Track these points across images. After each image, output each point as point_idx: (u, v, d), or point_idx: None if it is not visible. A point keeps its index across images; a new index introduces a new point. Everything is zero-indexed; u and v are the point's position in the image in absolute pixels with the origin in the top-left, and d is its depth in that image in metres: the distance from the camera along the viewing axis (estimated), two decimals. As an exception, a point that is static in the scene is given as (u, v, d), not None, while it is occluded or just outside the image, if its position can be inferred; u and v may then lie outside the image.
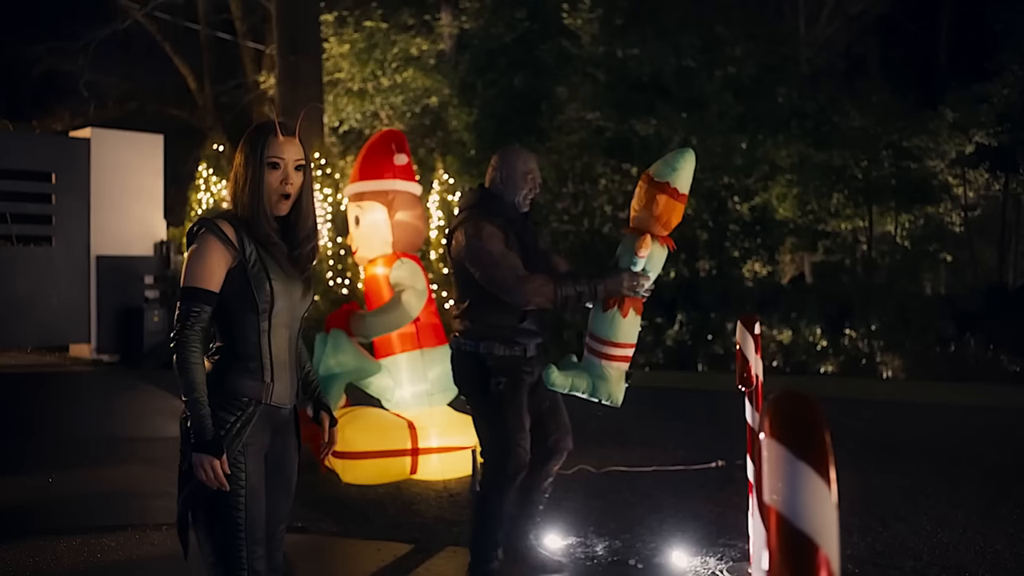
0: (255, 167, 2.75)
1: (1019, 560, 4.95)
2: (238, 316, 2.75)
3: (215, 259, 2.71)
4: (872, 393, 12.76)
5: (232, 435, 2.70)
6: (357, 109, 19.02)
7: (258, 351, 2.76)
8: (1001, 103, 15.77)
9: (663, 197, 3.94)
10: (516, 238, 4.20)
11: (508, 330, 4.24)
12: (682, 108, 16.53)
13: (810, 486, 1.07)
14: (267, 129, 2.79)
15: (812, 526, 1.05)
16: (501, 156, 4.42)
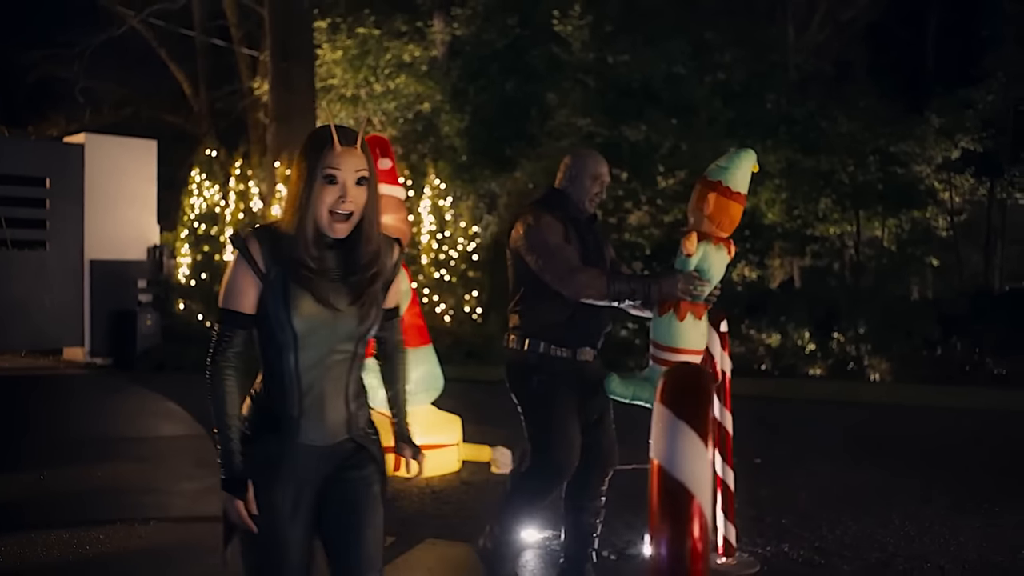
0: (307, 182, 2.41)
1: (980, 551, 5.10)
2: (264, 344, 2.49)
3: (244, 279, 2.43)
4: (858, 396, 12.93)
5: (252, 471, 2.48)
6: (350, 115, 19.16)
7: (283, 386, 2.48)
8: (986, 109, 15.96)
9: (713, 195, 3.86)
10: (578, 237, 4.09)
11: (557, 328, 4.08)
12: (671, 114, 16.69)
13: (687, 442, 1.21)
14: (323, 138, 2.43)
15: (688, 477, 1.20)
16: (572, 157, 4.32)
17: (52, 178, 13.83)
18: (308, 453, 2.52)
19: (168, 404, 10.18)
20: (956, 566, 4.86)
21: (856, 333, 16.04)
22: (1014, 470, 7.28)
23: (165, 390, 10.95)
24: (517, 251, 4.12)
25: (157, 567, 4.84)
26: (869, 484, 6.75)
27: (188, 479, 6.74)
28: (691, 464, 1.21)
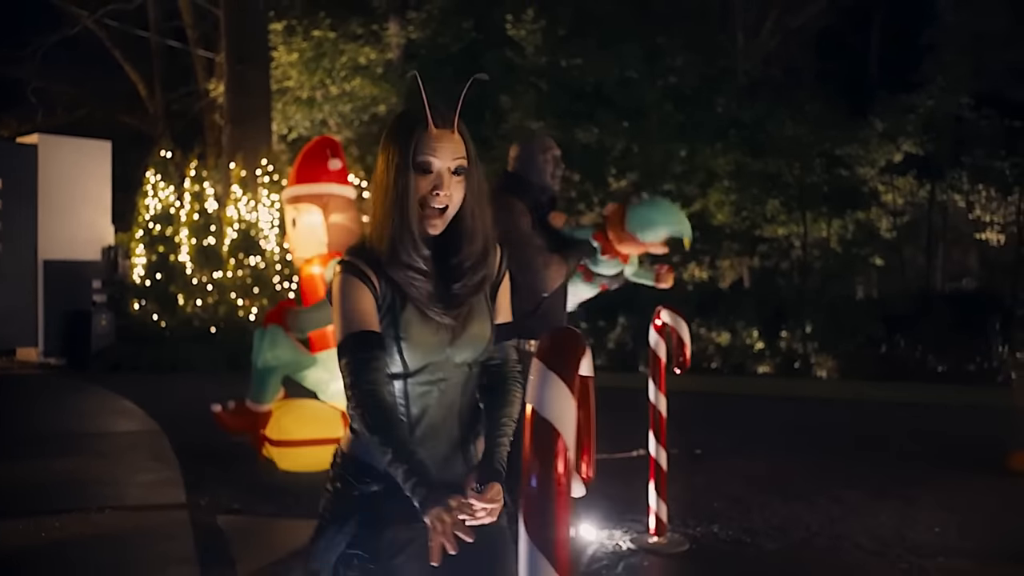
0: (400, 171, 2.07)
1: (895, 530, 5.41)
2: None
3: (364, 299, 2.09)
4: (804, 392, 13.34)
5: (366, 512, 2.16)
6: (306, 117, 19.32)
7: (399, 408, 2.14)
8: (926, 114, 16.46)
9: (618, 239, 4.17)
10: (540, 224, 4.03)
11: (523, 318, 3.76)
12: (623, 117, 17.02)
13: (556, 389, 1.46)
14: (414, 120, 2.10)
15: (554, 417, 1.45)
16: (518, 144, 4.26)
17: (4, 178, 13.85)
18: None
19: (124, 402, 10.28)
20: (872, 542, 5.17)
21: (803, 332, 16.49)
22: (939, 458, 7.62)
23: (121, 389, 11.04)
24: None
25: (112, 551, 5.00)
26: (801, 471, 7.07)
27: (144, 471, 6.88)
28: (558, 407, 1.45)
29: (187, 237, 14.61)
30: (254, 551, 4.96)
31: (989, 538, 5.30)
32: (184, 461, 7.07)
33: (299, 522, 5.51)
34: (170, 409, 9.40)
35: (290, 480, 6.48)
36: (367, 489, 2.16)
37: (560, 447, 1.45)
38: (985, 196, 16.41)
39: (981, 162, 16.08)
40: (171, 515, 5.65)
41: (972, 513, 5.86)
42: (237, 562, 4.72)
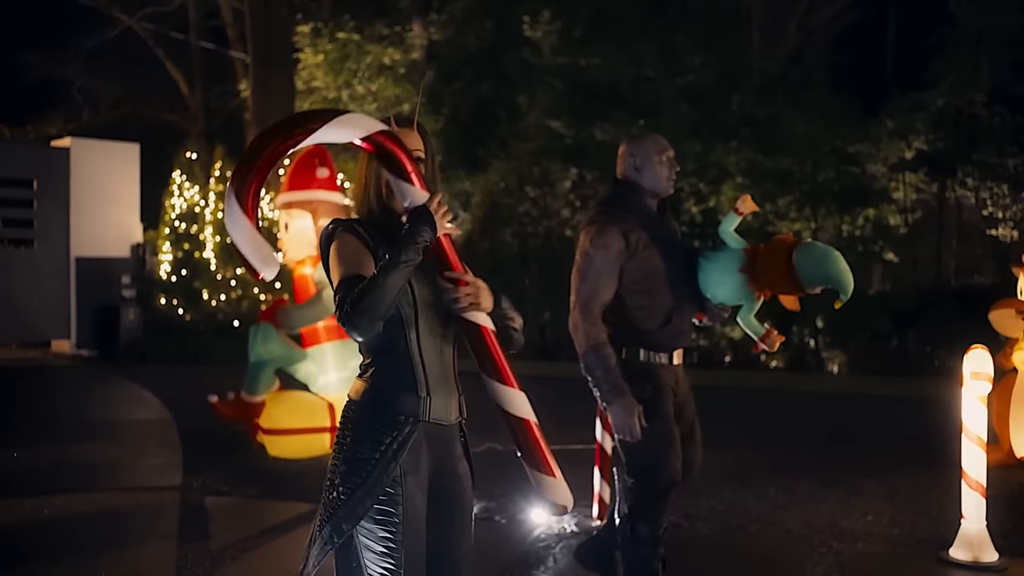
0: (372, 164, 2.53)
1: (830, 518, 5.78)
2: (383, 326, 2.40)
3: (359, 249, 2.46)
4: (813, 387, 13.62)
5: (388, 458, 2.40)
6: (332, 117, 19.83)
7: (409, 363, 2.47)
8: (937, 112, 16.62)
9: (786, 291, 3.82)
10: (651, 237, 3.81)
11: (652, 335, 3.84)
12: (638, 115, 17.36)
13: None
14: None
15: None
16: (630, 143, 3.96)
17: (39, 180, 14.60)
18: (434, 432, 2.51)
19: (144, 392, 10.88)
20: (804, 529, 5.55)
21: (814, 327, 16.73)
22: (908, 452, 7.89)
23: (144, 380, 11.65)
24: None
25: (103, 528, 5.52)
26: (762, 463, 7.43)
27: (148, 456, 7.45)
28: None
29: (211, 235, 15.21)
30: (232, 529, 5.45)
31: (916, 526, 5.65)
32: (187, 447, 7.62)
33: (278, 503, 6.03)
34: (186, 399, 9.94)
35: (278, 465, 7.00)
36: (381, 437, 2.42)
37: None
38: (996, 192, 16.51)
39: (992, 159, 16.19)
40: (164, 496, 6.18)
41: (911, 502, 6.20)
42: (213, 538, 5.22)
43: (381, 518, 2.41)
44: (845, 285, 3.66)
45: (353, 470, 2.41)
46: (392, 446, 2.41)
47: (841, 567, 4.83)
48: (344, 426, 2.51)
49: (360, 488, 2.39)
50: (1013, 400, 7.39)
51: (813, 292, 3.78)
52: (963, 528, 4.93)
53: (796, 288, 3.76)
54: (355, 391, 2.52)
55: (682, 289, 3.87)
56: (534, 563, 4.91)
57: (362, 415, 2.46)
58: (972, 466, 4.92)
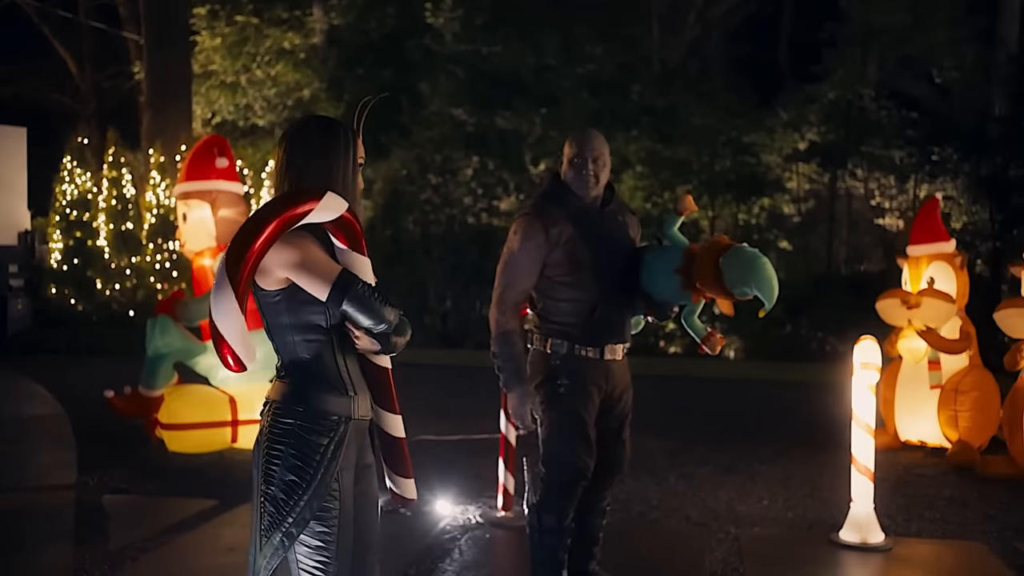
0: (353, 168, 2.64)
1: (728, 504, 5.96)
2: (310, 334, 2.54)
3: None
4: (710, 373, 13.92)
5: (328, 458, 2.49)
6: (229, 102, 19.48)
7: (335, 367, 2.55)
8: (828, 105, 17.15)
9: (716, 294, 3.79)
10: (580, 231, 3.80)
11: (577, 327, 3.83)
12: (540, 104, 17.46)
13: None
14: (352, 131, 2.65)
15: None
16: (569, 139, 3.95)
17: (-79, 164, 13.98)
18: (359, 428, 2.65)
19: (33, 386, 10.53)
20: (702, 515, 5.71)
21: (712, 313, 17.10)
22: (803, 436, 8.14)
23: (33, 373, 11.28)
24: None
25: (1, 530, 5.36)
26: (664, 449, 7.59)
27: (41, 454, 7.23)
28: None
29: (105, 222, 14.79)
30: (131, 528, 5.33)
31: (808, 509, 5.86)
32: (81, 444, 7.41)
33: (179, 500, 5.93)
34: (79, 393, 9.65)
35: (178, 461, 6.88)
36: (319, 440, 2.49)
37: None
38: (883, 183, 17.13)
39: (879, 151, 16.77)
40: (58, 495, 6.01)
41: (803, 486, 6.44)
42: (111, 539, 5.11)
43: (320, 514, 2.48)
44: (768, 294, 3.65)
45: (295, 474, 2.47)
46: (330, 447, 2.49)
47: (739, 552, 4.98)
48: (276, 430, 2.52)
49: (306, 491, 2.46)
50: (898, 386, 7.70)
51: (744, 298, 3.75)
52: (852, 511, 5.13)
53: (724, 292, 3.75)
54: (281, 395, 2.55)
55: (612, 283, 3.85)
56: (440, 555, 4.94)
57: (297, 419, 2.50)
58: (861, 452, 5.13)
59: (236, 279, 2.37)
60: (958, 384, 7.25)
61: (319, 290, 2.45)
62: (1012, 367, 6.80)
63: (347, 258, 2.54)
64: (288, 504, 2.46)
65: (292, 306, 2.51)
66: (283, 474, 2.47)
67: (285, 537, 2.46)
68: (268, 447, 2.51)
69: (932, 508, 5.92)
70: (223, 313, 2.38)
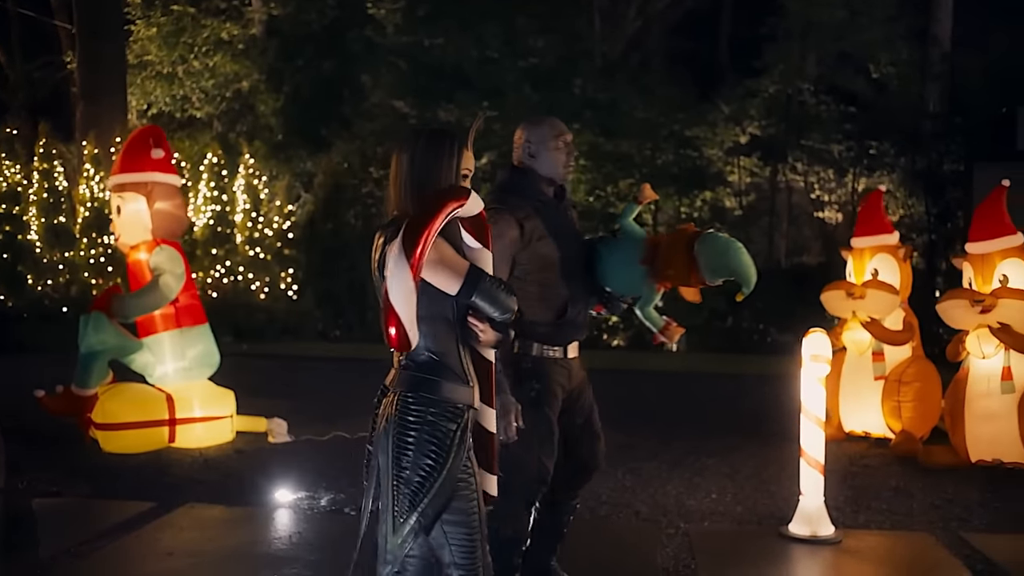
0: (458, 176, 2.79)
1: (677, 498, 5.92)
2: (439, 327, 2.74)
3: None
4: (653, 365, 13.97)
5: (457, 443, 2.70)
6: (166, 93, 19.09)
7: (459, 359, 2.77)
8: (768, 99, 17.29)
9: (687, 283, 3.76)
10: (547, 226, 3.68)
11: (546, 327, 3.73)
12: (482, 97, 17.34)
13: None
14: (460, 142, 2.82)
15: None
16: (526, 127, 3.79)
17: None
18: (473, 416, 2.86)
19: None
20: (651, 510, 5.66)
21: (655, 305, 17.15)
22: (750, 429, 8.15)
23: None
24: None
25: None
26: (610, 444, 7.45)
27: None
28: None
29: (36, 216, 14.37)
30: (63, 533, 5.13)
31: (757, 502, 5.84)
32: (9, 445, 7.08)
33: (115, 502, 5.74)
34: (8, 392, 9.33)
35: (113, 462, 6.65)
36: (450, 426, 2.70)
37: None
38: (823, 177, 17.33)
39: (819, 145, 16.96)
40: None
41: (751, 479, 6.43)
42: (42, 544, 4.90)
43: (459, 493, 2.70)
44: (748, 277, 3.63)
45: (431, 459, 2.66)
46: (458, 432, 2.71)
47: (690, 547, 4.93)
48: (409, 418, 2.69)
49: (440, 474, 2.65)
50: (842, 377, 7.75)
51: (714, 284, 3.72)
52: (801, 504, 5.11)
53: (697, 280, 3.70)
54: (411, 385, 2.72)
55: (578, 280, 3.77)
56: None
57: (429, 406, 2.69)
58: (810, 445, 5.11)
59: (412, 267, 2.56)
60: (901, 375, 7.32)
61: (451, 286, 2.67)
62: (954, 358, 6.87)
63: (474, 253, 2.78)
64: (424, 487, 2.64)
65: (422, 300, 2.65)
66: (418, 459, 2.65)
67: (421, 517, 2.65)
68: (400, 434, 2.68)
69: (879, 499, 5.94)
70: (402, 294, 2.58)
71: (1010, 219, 6.79)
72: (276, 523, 5.35)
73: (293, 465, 6.59)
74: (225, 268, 15.80)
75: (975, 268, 6.78)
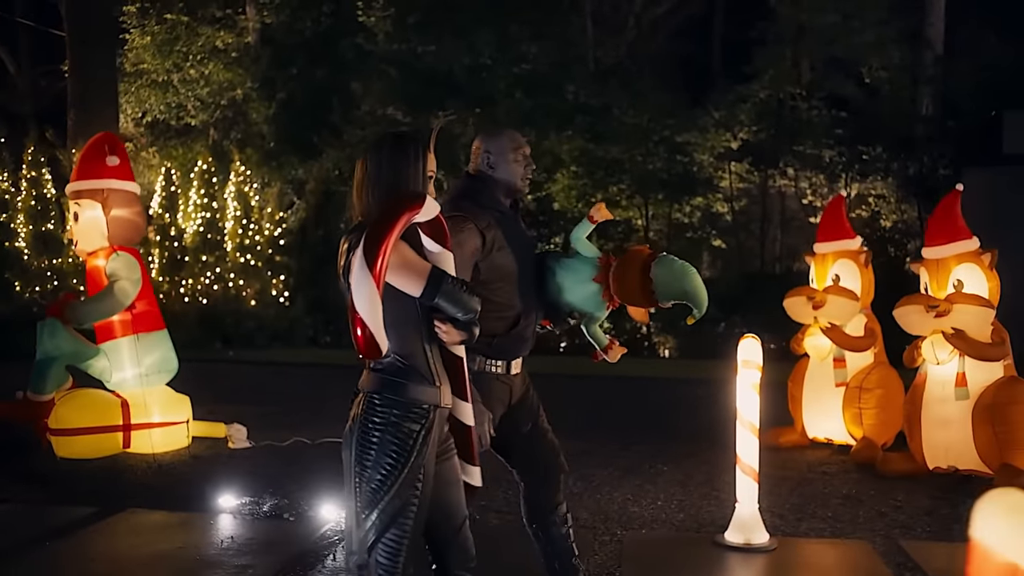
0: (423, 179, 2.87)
1: (621, 505, 5.88)
2: (402, 327, 2.80)
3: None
4: (646, 372, 13.91)
5: (420, 443, 2.75)
6: (160, 101, 19.18)
7: (425, 359, 2.82)
8: (759, 104, 17.23)
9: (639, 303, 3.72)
10: (506, 237, 3.61)
11: (495, 340, 3.59)
12: (474, 104, 17.36)
13: None
14: (423, 146, 2.90)
15: None
16: (484, 138, 3.75)
17: None
18: (441, 415, 2.91)
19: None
20: (592, 517, 5.62)
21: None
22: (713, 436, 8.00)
23: None
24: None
25: None
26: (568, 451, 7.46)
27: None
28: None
29: (23, 223, 14.45)
30: (17, 539, 5.10)
31: (702, 510, 5.81)
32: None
33: (68, 508, 5.73)
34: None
35: (68, 467, 6.67)
36: (414, 427, 2.76)
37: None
38: (814, 182, 17.25)
39: (811, 150, 16.88)
40: None
41: (702, 486, 6.39)
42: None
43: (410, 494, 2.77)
44: (700, 301, 3.61)
45: (393, 458, 2.73)
46: (421, 433, 2.76)
47: (619, 554, 4.90)
48: (373, 419, 2.77)
49: (401, 473, 2.72)
50: (805, 384, 7.71)
51: (665, 306, 3.70)
52: (737, 512, 5.08)
53: (649, 302, 3.69)
54: (376, 386, 2.79)
55: (530, 293, 3.70)
56: (312, 561, 4.81)
57: (393, 408, 2.76)
58: (745, 452, 5.08)
59: (374, 273, 2.61)
60: (862, 382, 7.28)
61: (414, 288, 2.73)
62: (910, 364, 6.82)
63: (435, 256, 2.84)
64: (386, 485, 2.72)
65: (386, 304, 2.70)
66: (380, 458, 2.73)
67: (382, 514, 2.72)
68: (364, 434, 2.76)
69: (825, 507, 5.90)
70: (367, 301, 2.63)
71: (965, 223, 6.73)
72: (211, 528, 5.35)
73: (245, 471, 6.61)
74: (215, 275, 15.85)
75: (930, 273, 6.72)
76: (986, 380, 6.47)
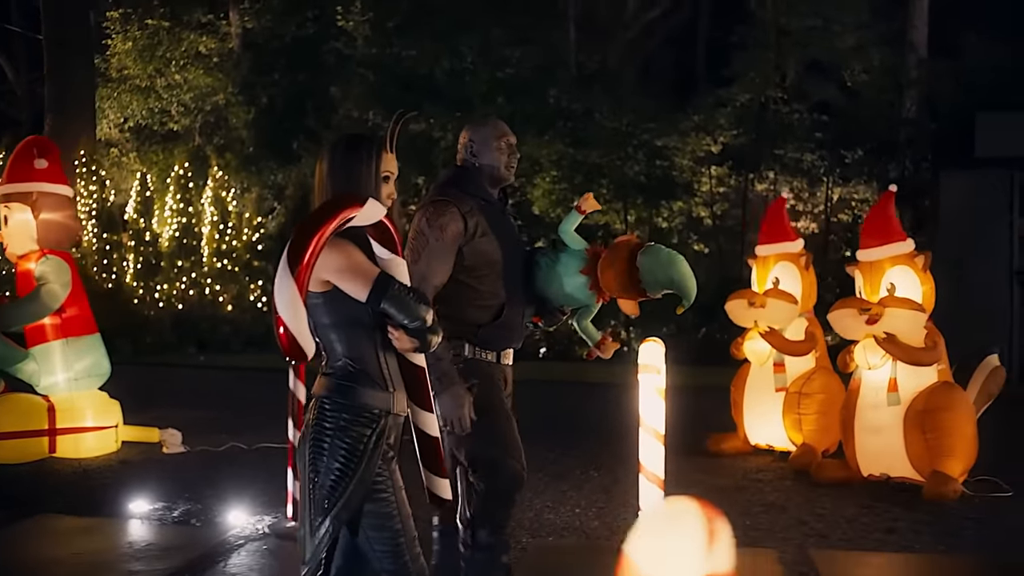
0: (377, 179, 2.83)
1: (538, 513, 5.80)
2: (355, 331, 2.78)
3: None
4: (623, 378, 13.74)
5: (370, 449, 2.72)
6: (142, 106, 19.20)
7: (377, 364, 2.78)
8: (739, 108, 17.13)
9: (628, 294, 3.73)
10: (491, 225, 3.61)
11: (481, 329, 3.61)
12: (454, 108, 17.30)
13: None
14: (377, 146, 2.89)
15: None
16: (469, 128, 3.78)
17: None
18: (396, 421, 2.87)
19: None
20: (516, 525, 5.53)
21: (626, 317, 17.01)
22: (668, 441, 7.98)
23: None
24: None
25: None
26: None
27: None
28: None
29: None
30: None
31: (620, 517, 5.72)
32: None
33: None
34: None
35: (-10, 473, 6.64)
36: (364, 431, 2.72)
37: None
38: (795, 187, 17.13)
39: (791, 154, 16.78)
40: None
41: (627, 493, 6.26)
42: None
43: (375, 497, 2.73)
44: (688, 291, 3.62)
45: (342, 464, 2.69)
46: (372, 438, 2.72)
47: (521, 562, 4.82)
48: (323, 423, 2.73)
49: (351, 479, 2.68)
50: (746, 389, 7.61)
51: (654, 297, 3.70)
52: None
53: (637, 292, 3.68)
54: (327, 390, 2.76)
55: (516, 285, 3.69)
56: (208, 565, 4.75)
57: (342, 412, 2.73)
58: (649, 459, 4.97)
59: (297, 275, 2.58)
60: (803, 387, 7.19)
61: (359, 292, 2.68)
62: (844, 369, 6.72)
63: (385, 262, 2.78)
64: (336, 491, 2.68)
65: (335, 307, 2.72)
66: (330, 463, 2.69)
67: (334, 520, 2.68)
68: (315, 439, 2.73)
69: (746, 515, 5.80)
70: (286, 302, 2.59)
71: (900, 225, 6.63)
72: (115, 533, 5.30)
73: (168, 476, 6.57)
74: (191, 280, 15.83)
75: (864, 276, 6.61)
76: (919, 385, 6.36)
